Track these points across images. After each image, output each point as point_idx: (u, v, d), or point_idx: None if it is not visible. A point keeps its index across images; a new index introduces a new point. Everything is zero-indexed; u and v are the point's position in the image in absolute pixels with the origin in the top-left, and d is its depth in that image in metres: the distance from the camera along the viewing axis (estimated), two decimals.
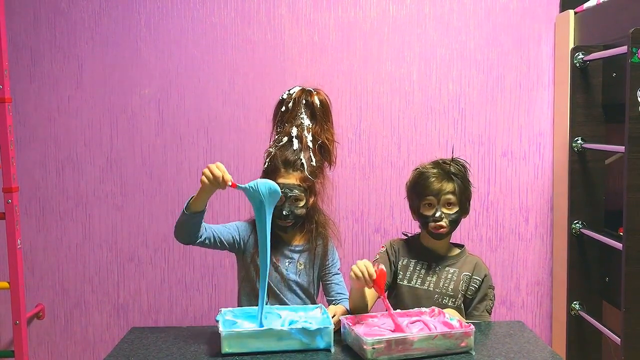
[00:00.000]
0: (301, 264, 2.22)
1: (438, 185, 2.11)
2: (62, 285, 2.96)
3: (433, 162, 2.19)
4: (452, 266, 2.18)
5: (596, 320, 2.51)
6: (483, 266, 2.21)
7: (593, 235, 2.52)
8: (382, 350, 1.76)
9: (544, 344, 1.94)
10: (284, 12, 2.87)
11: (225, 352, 1.81)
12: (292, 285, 2.20)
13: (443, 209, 2.11)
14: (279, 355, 1.81)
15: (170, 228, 2.92)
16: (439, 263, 2.18)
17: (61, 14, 2.86)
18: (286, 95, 2.23)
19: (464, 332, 1.83)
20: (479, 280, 2.16)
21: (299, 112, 2.20)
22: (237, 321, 1.93)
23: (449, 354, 1.81)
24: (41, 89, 2.88)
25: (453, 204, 2.12)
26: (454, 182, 2.12)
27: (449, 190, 2.11)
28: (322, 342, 1.83)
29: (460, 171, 2.15)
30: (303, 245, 2.24)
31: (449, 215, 2.11)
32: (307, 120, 2.19)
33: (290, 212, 2.13)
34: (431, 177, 2.12)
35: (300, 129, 2.18)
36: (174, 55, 2.87)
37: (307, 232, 2.25)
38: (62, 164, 2.91)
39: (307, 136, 2.18)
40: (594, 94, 2.56)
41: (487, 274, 2.19)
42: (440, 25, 2.89)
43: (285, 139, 2.18)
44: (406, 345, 1.78)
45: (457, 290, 2.14)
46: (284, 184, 2.12)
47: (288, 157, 2.15)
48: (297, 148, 2.16)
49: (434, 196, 2.11)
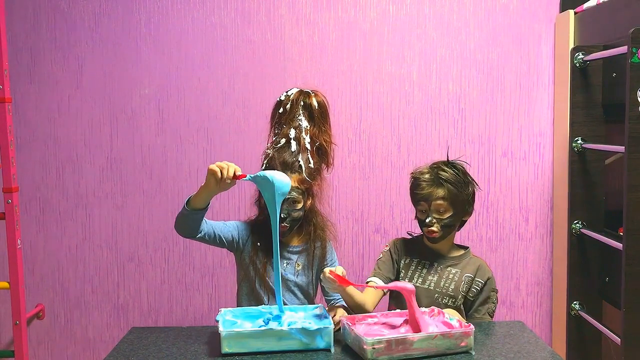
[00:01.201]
0: (299, 264, 2.22)
1: (428, 191, 2.11)
2: (62, 285, 2.96)
3: (429, 166, 2.19)
4: (455, 267, 2.18)
5: (596, 320, 2.52)
6: (487, 269, 2.20)
7: (593, 235, 2.52)
8: (382, 350, 1.76)
9: (544, 344, 1.94)
10: (284, 12, 2.87)
11: (225, 352, 1.81)
12: (290, 286, 2.20)
13: (434, 214, 2.11)
14: (279, 355, 1.81)
15: (171, 228, 2.92)
16: (441, 263, 2.19)
17: (61, 14, 2.86)
18: (284, 96, 2.22)
19: (464, 332, 1.83)
20: (481, 283, 2.16)
21: (297, 114, 2.19)
22: (237, 321, 1.93)
23: (449, 354, 1.81)
24: (41, 89, 2.88)
25: (445, 210, 2.11)
26: (445, 188, 2.11)
27: (440, 196, 2.10)
28: (322, 342, 1.83)
29: (455, 175, 2.13)
30: (301, 247, 2.24)
31: (441, 220, 2.11)
32: (304, 122, 2.18)
33: (287, 214, 2.12)
34: (422, 183, 2.13)
35: (298, 131, 2.17)
36: (174, 55, 2.87)
37: (305, 234, 2.25)
38: (62, 164, 2.91)
39: (304, 138, 2.17)
40: (594, 94, 2.57)
41: (491, 277, 2.19)
42: (440, 25, 2.89)
43: (283, 141, 2.17)
44: (406, 345, 1.78)
45: (457, 291, 2.14)
46: None
47: (286, 159, 2.14)
48: (295, 150, 2.15)
49: (425, 202, 2.12)
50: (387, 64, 2.89)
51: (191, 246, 2.92)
